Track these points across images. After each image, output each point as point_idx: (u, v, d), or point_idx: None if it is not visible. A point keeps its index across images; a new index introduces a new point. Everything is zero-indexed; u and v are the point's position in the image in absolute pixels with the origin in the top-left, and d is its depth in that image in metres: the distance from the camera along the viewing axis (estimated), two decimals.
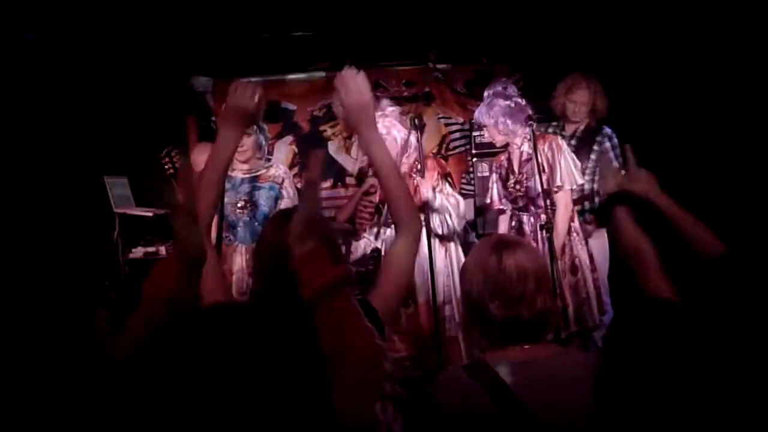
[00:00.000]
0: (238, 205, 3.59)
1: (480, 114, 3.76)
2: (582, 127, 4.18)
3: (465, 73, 5.53)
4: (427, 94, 5.49)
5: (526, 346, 1.71)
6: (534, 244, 3.62)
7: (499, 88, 3.72)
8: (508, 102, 3.64)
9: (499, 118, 3.64)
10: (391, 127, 3.54)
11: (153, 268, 1.44)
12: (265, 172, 3.69)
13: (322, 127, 5.69)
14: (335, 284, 1.54)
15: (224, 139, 1.95)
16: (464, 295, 1.83)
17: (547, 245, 3.45)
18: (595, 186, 4.03)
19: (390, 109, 3.63)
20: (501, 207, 3.98)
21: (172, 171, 4.18)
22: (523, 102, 3.71)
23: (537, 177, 3.53)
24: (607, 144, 4.13)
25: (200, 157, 4.35)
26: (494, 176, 4.01)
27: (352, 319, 1.57)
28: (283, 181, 3.69)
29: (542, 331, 1.75)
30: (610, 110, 4.16)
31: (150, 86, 5.18)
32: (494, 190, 3.99)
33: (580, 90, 4.07)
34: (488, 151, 4.99)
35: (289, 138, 5.68)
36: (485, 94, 3.77)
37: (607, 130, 4.16)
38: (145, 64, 5.09)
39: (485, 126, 3.77)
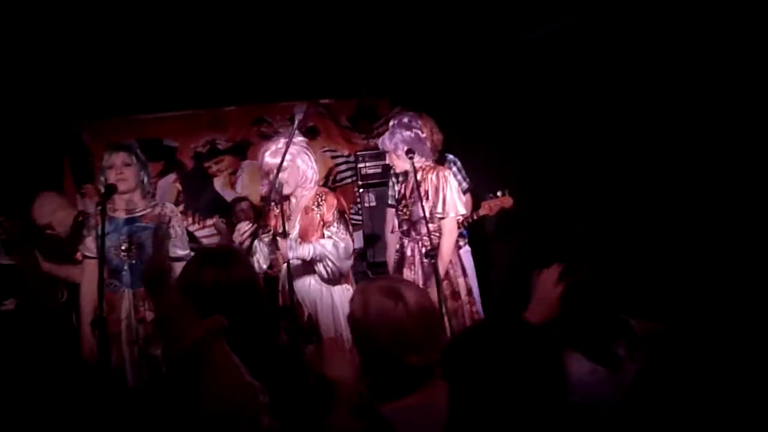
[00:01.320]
0: (122, 247, 3.32)
1: (383, 141, 3.85)
2: None
3: (348, 107, 5.62)
4: (312, 128, 5.50)
5: (423, 389, 1.67)
6: (417, 269, 3.76)
7: (405, 120, 3.81)
8: (409, 132, 3.75)
9: (399, 145, 3.73)
10: (296, 155, 3.50)
11: None
12: (150, 211, 3.43)
13: (206, 164, 5.59)
14: (204, 339, 1.53)
15: None
16: (370, 348, 1.73)
17: (430, 270, 3.53)
18: None
19: (299, 138, 3.59)
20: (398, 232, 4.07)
21: (4, 237, 3.91)
22: (424, 135, 3.81)
23: (419, 203, 3.61)
24: (454, 168, 4.40)
25: (41, 209, 4.06)
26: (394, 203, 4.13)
27: (228, 375, 1.56)
28: (170, 219, 3.46)
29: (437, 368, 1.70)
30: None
31: (26, 126, 4.92)
32: (394, 217, 4.11)
33: None
34: (374, 182, 5.06)
35: (173, 176, 5.53)
36: (391, 123, 3.88)
37: (451, 157, 4.46)
38: (20, 103, 4.81)
39: (387, 152, 3.83)
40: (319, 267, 3.39)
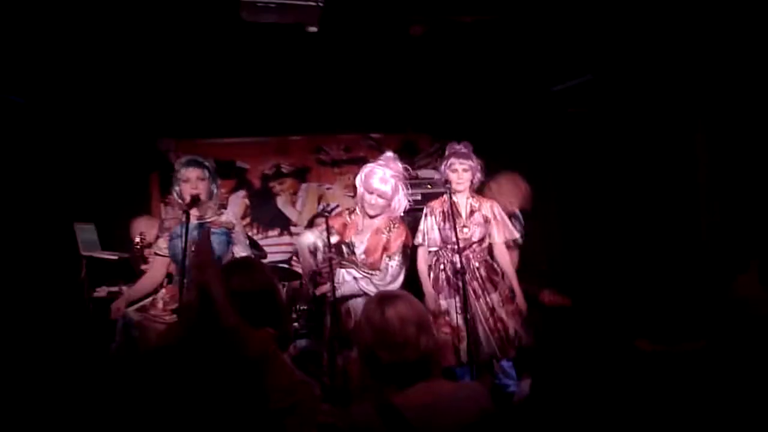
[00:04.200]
0: (192, 248, 3.47)
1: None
2: None
3: (395, 141, 5.96)
4: (363, 158, 5.84)
5: (424, 385, 1.82)
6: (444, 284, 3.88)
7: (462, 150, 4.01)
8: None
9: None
10: (396, 191, 3.76)
11: None
12: (217, 218, 3.71)
13: (271, 184, 6.04)
14: (268, 347, 1.79)
15: None
16: (358, 347, 1.96)
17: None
18: None
19: (400, 165, 3.87)
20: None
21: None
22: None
23: (482, 226, 3.84)
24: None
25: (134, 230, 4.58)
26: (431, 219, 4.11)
27: (295, 377, 1.83)
28: (234, 227, 3.72)
29: (429, 368, 1.86)
30: None
31: (119, 145, 5.46)
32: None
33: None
34: (413, 208, 5.38)
35: (242, 192, 6.00)
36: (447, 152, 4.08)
37: None
38: (116, 125, 5.38)
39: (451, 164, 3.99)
40: (357, 300, 3.68)
